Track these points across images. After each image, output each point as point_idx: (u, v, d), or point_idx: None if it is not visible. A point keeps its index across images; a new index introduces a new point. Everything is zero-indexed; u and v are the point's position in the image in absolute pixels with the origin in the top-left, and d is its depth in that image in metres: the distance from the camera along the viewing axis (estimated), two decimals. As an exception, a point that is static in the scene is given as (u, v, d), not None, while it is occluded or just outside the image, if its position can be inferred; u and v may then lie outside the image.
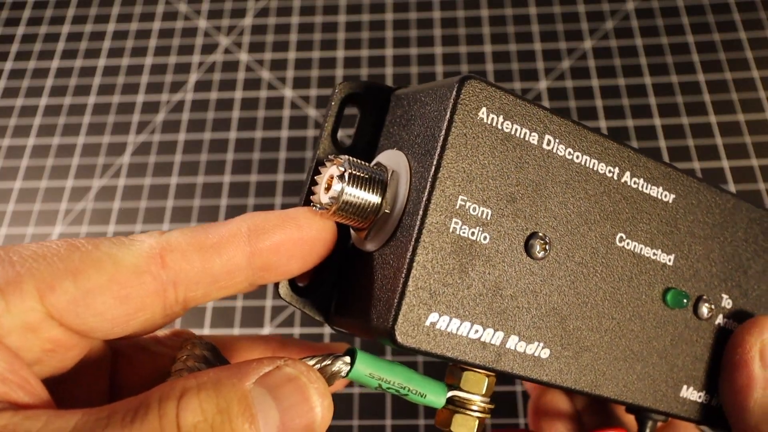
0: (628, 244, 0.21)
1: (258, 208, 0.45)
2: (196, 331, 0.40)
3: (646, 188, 0.21)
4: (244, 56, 0.51)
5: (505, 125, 0.19)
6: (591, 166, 0.20)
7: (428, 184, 0.18)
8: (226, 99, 0.49)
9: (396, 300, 0.18)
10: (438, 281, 0.18)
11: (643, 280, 0.21)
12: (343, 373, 0.18)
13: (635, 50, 0.49)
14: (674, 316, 0.22)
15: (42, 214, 0.45)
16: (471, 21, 0.51)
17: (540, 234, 0.19)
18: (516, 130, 0.19)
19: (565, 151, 0.20)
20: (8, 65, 0.52)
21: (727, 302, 0.22)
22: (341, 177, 0.18)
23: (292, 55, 0.51)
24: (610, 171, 0.21)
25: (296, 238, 0.18)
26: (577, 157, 0.20)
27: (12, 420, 0.15)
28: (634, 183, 0.21)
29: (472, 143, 0.18)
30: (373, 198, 0.19)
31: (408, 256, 0.18)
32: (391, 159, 0.19)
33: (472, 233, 0.18)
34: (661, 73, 0.47)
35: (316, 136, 0.46)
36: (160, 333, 0.21)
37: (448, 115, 0.18)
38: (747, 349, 0.21)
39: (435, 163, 0.18)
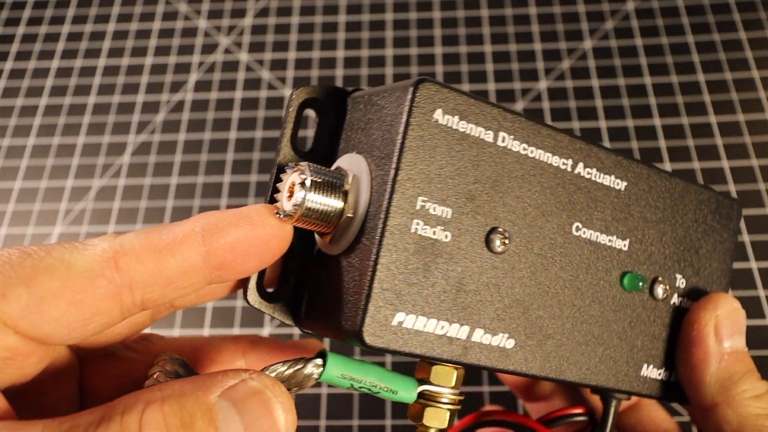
0: (584, 232, 0.21)
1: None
2: (192, 332, 0.40)
3: (599, 177, 0.22)
4: (244, 56, 0.51)
5: (460, 125, 0.19)
6: (545, 160, 0.21)
7: (388, 188, 0.18)
8: (226, 99, 0.49)
9: (362, 302, 0.18)
10: (403, 281, 0.18)
11: (601, 266, 0.22)
12: (315, 376, 0.18)
13: (635, 50, 0.49)
14: (632, 299, 0.23)
15: (42, 214, 0.45)
16: (471, 21, 0.51)
17: (499, 229, 0.20)
18: (471, 129, 0.20)
19: (519, 146, 0.20)
20: (8, 65, 0.52)
21: (681, 282, 0.23)
22: (302, 184, 0.19)
23: (292, 55, 0.51)
24: (563, 163, 0.21)
25: (251, 236, 0.18)
26: (532, 152, 0.21)
27: None
28: (588, 173, 0.22)
29: (429, 145, 0.19)
30: (335, 203, 0.19)
31: (372, 259, 0.18)
32: (352, 163, 0.20)
33: (434, 232, 0.19)
34: (661, 73, 0.47)
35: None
36: (129, 338, 0.21)
37: (404, 118, 0.18)
38: (702, 324, 0.22)
39: (394, 166, 0.18)
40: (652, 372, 0.23)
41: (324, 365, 0.18)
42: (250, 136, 0.47)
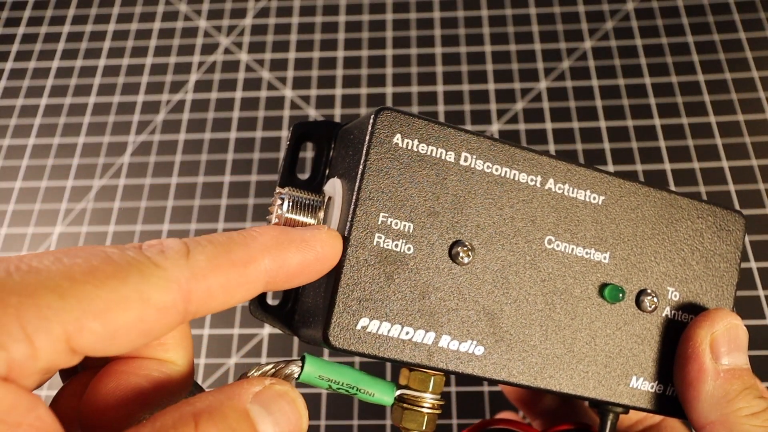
0: (557, 245, 0.22)
1: (258, 207, 0.45)
2: (195, 331, 0.40)
3: (573, 193, 0.23)
4: (244, 56, 0.51)
5: (420, 147, 0.21)
6: (512, 177, 0.22)
7: (352, 205, 0.20)
8: (226, 99, 0.49)
9: (327, 309, 0.20)
10: (365, 289, 0.20)
11: (578, 278, 0.23)
12: (295, 375, 0.20)
13: (635, 50, 0.49)
14: (615, 311, 0.23)
15: (42, 214, 0.45)
16: (471, 21, 0.51)
17: (463, 242, 0.21)
18: (432, 150, 0.21)
19: (483, 165, 0.22)
20: (8, 65, 0.52)
21: (674, 295, 0.24)
22: (281, 205, 0.21)
23: (292, 55, 0.51)
24: (532, 180, 0.22)
25: (312, 260, 0.20)
26: (497, 170, 0.22)
27: None
28: (559, 189, 0.23)
29: (389, 166, 0.21)
30: (310, 221, 0.22)
31: (336, 270, 0.20)
32: (332, 186, 0.22)
33: (396, 245, 0.21)
34: (661, 73, 0.47)
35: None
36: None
37: (366, 143, 0.21)
38: (698, 342, 0.22)
39: (357, 186, 0.20)
40: (644, 384, 0.23)
41: (303, 366, 0.20)
42: (250, 136, 0.47)
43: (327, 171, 0.24)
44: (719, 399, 0.21)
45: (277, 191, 0.22)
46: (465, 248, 0.21)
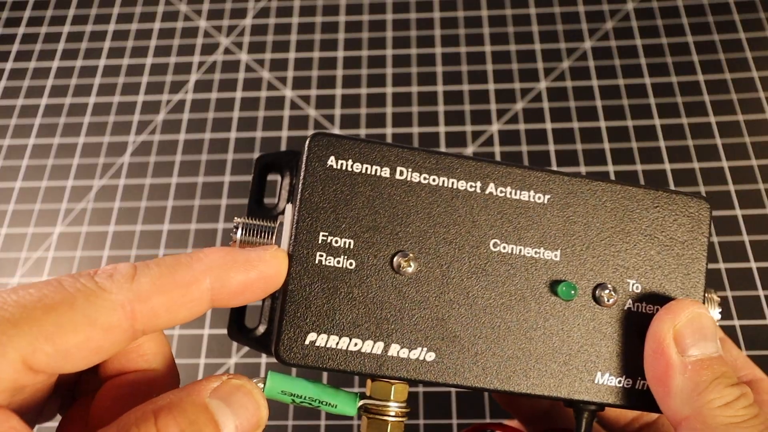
0: (504, 247, 0.23)
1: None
2: (193, 332, 0.40)
3: (515, 195, 0.23)
4: (244, 56, 0.51)
5: (354, 167, 0.22)
6: (450, 186, 0.23)
7: (292, 227, 0.22)
8: (226, 99, 0.49)
9: (277, 327, 0.21)
10: (311, 306, 0.21)
11: (528, 278, 0.23)
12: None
13: (635, 50, 0.49)
14: (570, 308, 0.23)
15: (42, 214, 0.45)
16: (471, 21, 0.51)
17: (404, 253, 0.22)
18: (366, 168, 0.22)
19: (420, 177, 0.23)
20: (8, 65, 0.52)
21: (635, 287, 0.23)
22: (236, 233, 0.23)
23: (292, 55, 0.51)
24: (471, 186, 0.23)
25: (254, 279, 0.21)
26: (434, 180, 0.23)
27: None
28: (501, 192, 0.23)
29: (326, 187, 0.22)
30: (264, 243, 0.23)
31: (284, 289, 0.21)
32: (287, 211, 0.23)
33: (338, 261, 0.22)
34: (661, 73, 0.47)
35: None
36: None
37: (303, 169, 0.22)
38: (661, 337, 0.22)
39: (297, 209, 0.22)
40: (610, 380, 0.23)
41: (265, 382, 0.21)
42: (251, 136, 0.47)
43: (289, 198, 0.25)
44: (690, 393, 0.21)
45: (235, 220, 0.23)
46: (406, 259, 0.22)
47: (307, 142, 0.22)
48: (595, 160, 0.44)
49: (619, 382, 0.23)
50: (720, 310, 0.24)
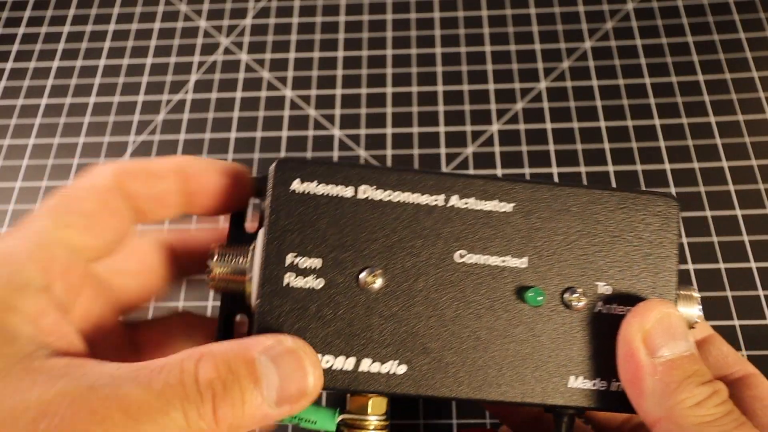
0: (469, 258, 0.23)
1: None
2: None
3: (479, 205, 0.23)
4: (244, 56, 0.51)
5: (318, 189, 0.23)
6: (413, 201, 0.23)
7: (261, 251, 0.23)
8: (226, 99, 0.49)
9: None
10: (281, 325, 0.22)
11: (496, 287, 0.23)
12: None
13: (635, 50, 0.49)
14: (539, 313, 0.23)
15: (42, 214, 0.45)
16: (471, 21, 0.51)
17: (371, 268, 0.22)
18: (330, 189, 0.23)
19: (383, 194, 0.23)
20: (8, 65, 0.52)
21: (605, 289, 0.23)
22: (210, 259, 0.24)
23: (292, 55, 0.51)
24: (434, 199, 0.23)
25: (220, 182, 0.24)
26: (397, 196, 0.23)
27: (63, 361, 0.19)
28: (464, 204, 0.23)
29: (292, 210, 0.23)
30: (238, 267, 0.24)
31: (254, 310, 0.22)
32: (259, 237, 0.24)
33: (306, 282, 0.22)
34: (661, 73, 0.47)
35: (315, 136, 0.46)
36: (168, 315, 0.28)
37: (269, 194, 0.23)
38: (631, 339, 0.21)
39: (265, 233, 0.23)
40: (584, 383, 0.23)
41: None
42: (251, 136, 0.47)
43: None
44: (661, 394, 0.21)
45: (211, 247, 0.24)
46: (373, 275, 0.22)
47: (272, 169, 0.23)
48: (595, 160, 0.44)
49: (593, 384, 0.23)
50: (699, 307, 0.24)
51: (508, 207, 0.23)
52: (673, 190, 0.42)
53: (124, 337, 0.27)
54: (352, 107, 0.48)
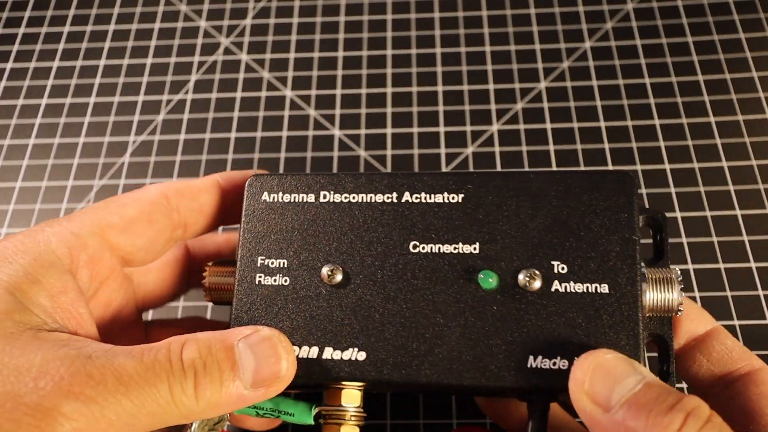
0: (423, 248, 0.24)
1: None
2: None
3: (430, 198, 0.25)
4: (244, 56, 0.51)
5: (284, 197, 0.26)
6: (369, 200, 0.25)
7: (237, 256, 0.26)
8: (226, 99, 0.49)
9: None
10: (253, 316, 0.24)
11: (450, 273, 0.24)
12: None
13: (635, 50, 0.49)
14: (495, 296, 0.23)
15: (42, 214, 0.45)
16: (471, 21, 0.51)
17: (332, 265, 0.24)
18: (294, 197, 0.26)
19: (341, 197, 0.25)
20: (8, 65, 0.52)
21: (560, 268, 0.23)
22: (208, 264, 0.27)
23: (292, 55, 0.51)
24: (388, 197, 0.25)
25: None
26: (354, 198, 0.25)
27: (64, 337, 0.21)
28: (416, 198, 0.25)
29: (260, 218, 0.26)
30: (228, 279, 0.26)
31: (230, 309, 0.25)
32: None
33: (275, 280, 0.25)
34: (661, 73, 0.47)
35: (315, 136, 0.46)
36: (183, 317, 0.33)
37: (244, 206, 0.26)
38: (582, 407, 0.20)
39: (239, 240, 0.26)
40: (543, 363, 0.22)
41: None
42: (251, 136, 0.47)
43: None
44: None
45: (207, 265, 0.28)
46: (333, 270, 0.24)
47: (246, 184, 0.26)
48: (595, 160, 0.44)
49: (554, 363, 0.22)
50: (681, 286, 0.23)
51: (458, 197, 0.25)
52: (673, 190, 0.43)
53: (141, 332, 0.30)
54: (352, 107, 0.48)
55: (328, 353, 0.24)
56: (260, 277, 0.25)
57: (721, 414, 0.24)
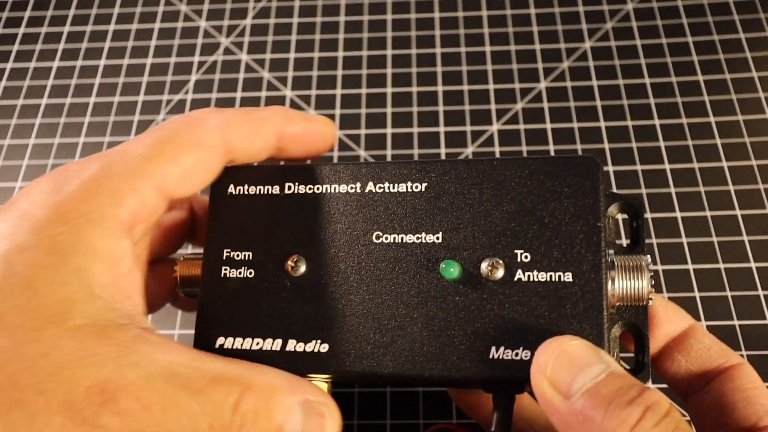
0: (386, 238, 0.24)
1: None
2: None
3: (393, 188, 0.24)
4: (244, 56, 0.51)
5: (249, 190, 0.26)
6: (333, 191, 0.25)
7: (204, 249, 0.25)
8: (226, 99, 0.49)
9: (194, 336, 0.24)
10: (219, 313, 0.24)
11: (412, 263, 0.24)
12: None
13: (635, 50, 0.49)
14: (458, 285, 0.23)
15: (42, 214, 0.45)
16: (471, 21, 0.51)
17: (295, 256, 0.24)
18: (259, 189, 0.25)
19: (305, 188, 0.25)
20: (8, 65, 0.52)
21: (524, 257, 0.23)
22: (175, 265, 0.27)
23: (292, 55, 0.51)
24: (352, 188, 0.25)
25: (312, 131, 0.27)
26: (318, 189, 0.25)
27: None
28: (379, 188, 0.25)
29: (227, 211, 0.25)
30: (195, 272, 0.26)
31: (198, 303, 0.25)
32: None
33: (240, 272, 0.25)
34: (661, 73, 0.47)
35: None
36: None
37: (210, 199, 0.26)
38: (542, 392, 0.20)
39: (206, 233, 0.25)
40: (506, 353, 0.22)
41: None
42: (251, 136, 0.47)
43: None
44: (596, 429, 0.18)
45: (179, 253, 0.28)
46: (297, 261, 0.24)
47: (213, 181, 0.26)
48: (595, 160, 0.44)
49: (516, 354, 0.22)
50: (651, 274, 0.23)
51: (421, 187, 0.24)
52: (673, 190, 0.43)
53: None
54: (352, 107, 0.48)
55: (291, 345, 0.23)
56: (226, 269, 0.25)
57: (698, 411, 0.24)
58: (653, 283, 0.23)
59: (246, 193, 0.25)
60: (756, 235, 0.41)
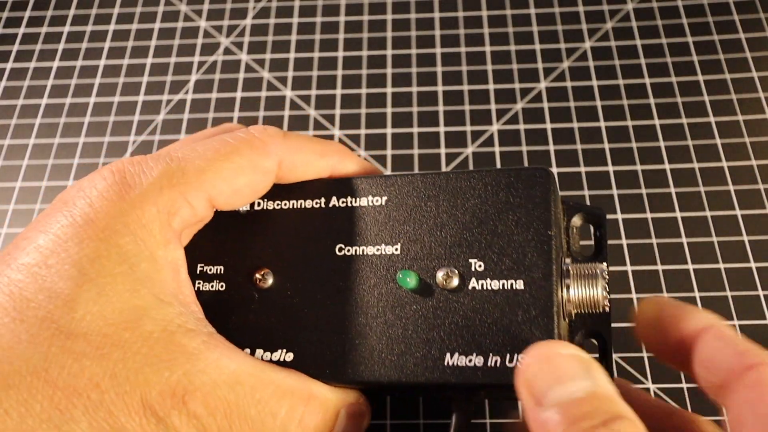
0: (348, 251, 0.25)
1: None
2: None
3: (355, 202, 0.26)
4: (244, 56, 0.51)
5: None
6: (299, 207, 0.26)
7: None
8: (226, 99, 0.49)
9: None
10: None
11: (372, 274, 0.25)
12: None
13: (635, 50, 0.49)
14: (416, 295, 0.24)
15: (42, 214, 0.45)
16: (471, 21, 0.51)
17: (262, 269, 0.25)
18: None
19: (273, 204, 0.27)
20: (8, 65, 0.52)
21: (478, 266, 0.24)
22: None
23: (292, 55, 0.51)
24: (316, 203, 0.26)
25: (362, 172, 0.28)
26: (285, 205, 0.26)
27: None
28: (342, 203, 0.26)
29: (202, 229, 0.26)
30: None
31: None
32: None
33: (212, 286, 0.26)
34: (661, 73, 0.47)
35: (315, 136, 0.46)
36: None
37: None
38: (519, 391, 0.20)
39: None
40: (459, 360, 0.23)
41: None
42: (251, 136, 0.47)
43: None
44: None
45: None
46: (264, 274, 0.25)
47: None
48: (595, 160, 0.44)
49: (470, 360, 0.23)
50: (606, 281, 0.23)
51: (381, 200, 0.25)
52: (672, 190, 0.43)
53: None
54: (352, 107, 0.48)
55: (259, 354, 0.24)
56: (199, 283, 0.26)
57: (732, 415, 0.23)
58: (608, 290, 0.23)
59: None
60: (756, 235, 0.41)
